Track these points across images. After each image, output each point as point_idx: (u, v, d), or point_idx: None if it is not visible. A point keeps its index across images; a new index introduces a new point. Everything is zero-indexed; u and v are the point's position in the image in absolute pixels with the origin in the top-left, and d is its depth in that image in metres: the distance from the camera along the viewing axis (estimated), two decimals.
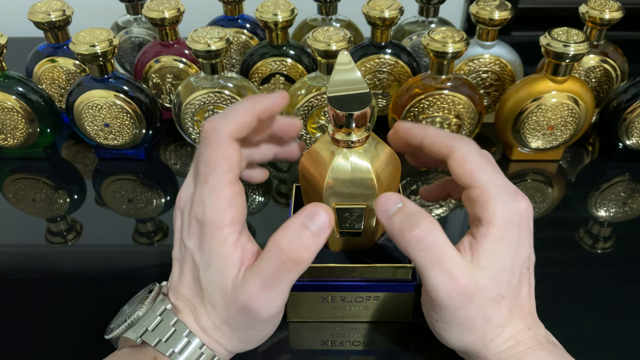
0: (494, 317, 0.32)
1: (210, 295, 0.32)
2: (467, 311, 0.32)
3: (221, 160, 0.32)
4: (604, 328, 0.42)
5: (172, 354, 0.31)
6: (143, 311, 0.32)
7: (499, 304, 0.32)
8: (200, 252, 0.32)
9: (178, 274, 0.34)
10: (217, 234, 0.31)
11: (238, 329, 0.33)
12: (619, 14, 0.56)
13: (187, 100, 0.54)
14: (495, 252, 0.32)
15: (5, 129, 0.56)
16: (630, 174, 0.58)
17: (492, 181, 0.33)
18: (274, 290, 0.31)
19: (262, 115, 0.34)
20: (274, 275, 0.30)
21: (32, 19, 0.57)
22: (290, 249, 0.30)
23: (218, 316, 0.32)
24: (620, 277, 0.47)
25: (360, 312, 0.41)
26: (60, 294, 0.45)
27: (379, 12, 0.56)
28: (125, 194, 0.56)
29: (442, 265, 0.31)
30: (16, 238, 0.52)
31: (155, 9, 0.57)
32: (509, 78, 0.60)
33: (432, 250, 0.31)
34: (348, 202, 0.36)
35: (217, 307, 0.32)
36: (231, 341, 0.33)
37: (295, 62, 0.59)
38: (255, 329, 0.33)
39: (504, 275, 0.32)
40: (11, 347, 0.41)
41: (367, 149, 0.34)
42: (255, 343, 0.34)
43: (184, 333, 0.32)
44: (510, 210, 0.32)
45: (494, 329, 0.33)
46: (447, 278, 0.31)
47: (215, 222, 0.31)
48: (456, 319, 0.32)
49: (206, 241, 0.31)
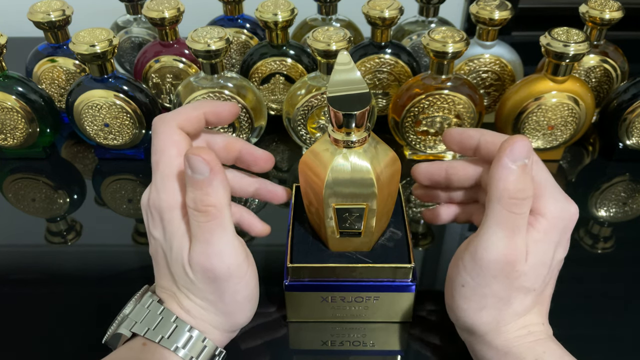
0: (517, 304, 0.33)
1: (179, 278, 0.34)
2: (498, 285, 0.32)
3: (169, 145, 0.34)
4: (604, 328, 0.42)
5: (162, 339, 0.32)
6: (130, 308, 0.34)
7: (527, 294, 0.33)
8: (164, 237, 0.34)
9: (156, 267, 0.36)
10: (174, 215, 0.33)
11: (215, 300, 0.33)
12: (619, 14, 0.56)
13: (187, 100, 0.54)
14: (540, 242, 0.32)
15: (5, 129, 0.56)
16: (630, 174, 0.58)
17: (548, 178, 0.33)
18: (210, 243, 0.32)
19: (208, 115, 0.36)
20: (200, 231, 0.32)
21: (32, 18, 0.57)
22: (194, 208, 0.32)
23: (194, 294, 0.34)
24: (620, 277, 0.47)
25: (360, 312, 0.41)
26: (60, 294, 0.45)
27: (379, 12, 0.56)
28: (125, 194, 0.56)
29: (513, 230, 0.31)
30: (16, 238, 0.52)
31: (155, 9, 0.57)
32: (509, 78, 0.60)
33: (519, 216, 0.31)
34: (348, 202, 0.36)
35: (189, 287, 0.33)
36: (216, 317, 0.34)
37: (295, 62, 0.59)
38: (228, 292, 0.33)
39: (541, 269, 0.33)
40: (11, 347, 0.41)
41: (367, 149, 0.34)
42: (239, 314, 0.35)
43: (171, 319, 0.33)
44: (562, 209, 0.33)
45: (511, 316, 0.33)
46: (506, 242, 0.31)
47: (170, 204, 0.33)
48: (484, 288, 0.32)
49: (167, 225, 0.33)
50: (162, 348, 0.33)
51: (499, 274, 0.32)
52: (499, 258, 0.31)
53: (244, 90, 0.54)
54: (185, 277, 0.33)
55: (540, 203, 0.32)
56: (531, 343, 0.33)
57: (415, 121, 0.55)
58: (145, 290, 0.36)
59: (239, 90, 0.54)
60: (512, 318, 0.33)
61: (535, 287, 0.33)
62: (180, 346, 0.33)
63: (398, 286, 0.39)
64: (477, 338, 0.35)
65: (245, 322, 0.36)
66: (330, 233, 0.37)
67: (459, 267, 0.34)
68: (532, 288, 0.33)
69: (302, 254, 0.39)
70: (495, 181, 0.31)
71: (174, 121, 0.35)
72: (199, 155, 0.31)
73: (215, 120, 0.37)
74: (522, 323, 0.34)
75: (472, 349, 0.36)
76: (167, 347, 0.32)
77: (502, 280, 0.32)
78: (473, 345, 0.35)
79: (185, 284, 0.34)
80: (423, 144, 0.57)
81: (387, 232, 0.40)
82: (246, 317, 0.36)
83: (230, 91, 0.53)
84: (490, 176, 0.32)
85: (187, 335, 0.33)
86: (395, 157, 0.37)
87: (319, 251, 0.39)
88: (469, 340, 0.36)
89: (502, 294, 0.32)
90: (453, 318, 0.36)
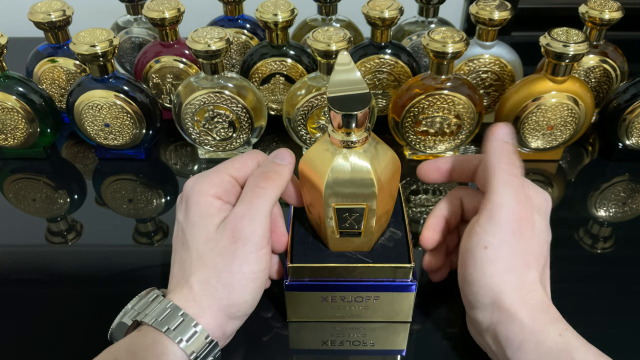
0: (534, 267, 0.35)
1: (195, 249, 0.35)
2: (518, 241, 0.34)
3: (238, 160, 0.38)
4: (603, 328, 0.42)
5: (167, 330, 0.33)
6: (134, 302, 0.35)
7: (539, 258, 0.36)
8: (187, 218, 0.36)
9: (173, 256, 0.38)
10: (203, 199, 0.36)
11: (223, 268, 0.34)
12: (618, 14, 0.56)
13: (187, 100, 0.54)
14: (539, 222, 0.36)
15: (6, 129, 0.56)
16: (630, 174, 0.58)
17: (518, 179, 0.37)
18: (254, 207, 0.35)
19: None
20: (252, 194, 0.36)
21: (32, 19, 0.57)
22: (262, 171, 0.37)
23: (204, 264, 0.35)
24: (620, 277, 0.47)
25: (360, 312, 0.41)
26: (60, 294, 0.45)
27: (379, 12, 0.56)
28: (125, 194, 0.56)
29: (518, 190, 0.35)
30: (16, 238, 0.52)
31: (155, 9, 0.57)
32: (508, 78, 0.60)
33: (518, 177, 0.35)
34: (348, 202, 0.36)
35: (203, 255, 0.35)
36: (216, 291, 0.34)
37: (295, 62, 0.59)
38: (239, 258, 0.34)
39: (546, 236, 0.37)
40: (11, 347, 0.41)
41: (367, 149, 0.34)
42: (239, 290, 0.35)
43: (179, 313, 0.34)
44: (543, 195, 0.38)
45: (532, 282, 0.35)
46: (516, 199, 0.35)
47: (202, 189, 0.36)
48: (506, 246, 0.34)
49: (192, 206, 0.36)
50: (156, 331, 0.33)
51: (517, 230, 0.34)
52: (515, 211, 0.34)
53: (244, 91, 0.54)
54: (206, 246, 0.35)
55: (530, 192, 0.37)
56: (552, 319, 0.34)
57: (415, 121, 0.55)
58: (151, 289, 0.37)
59: (239, 91, 0.54)
60: (531, 286, 0.35)
61: (543, 252, 0.36)
62: (171, 328, 0.33)
63: (398, 286, 0.39)
64: (501, 314, 0.34)
65: (242, 304, 0.35)
66: (330, 233, 0.38)
67: (478, 232, 0.35)
68: (541, 254, 0.36)
69: (302, 253, 0.39)
70: (493, 151, 0.36)
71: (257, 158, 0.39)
72: (287, 149, 0.38)
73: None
74: (540, 296, 0.35)
75: (494, 334, 0.35)
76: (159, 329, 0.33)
77: (519, 237, 0.34)
78: (497, 326, 0.34)
79: (199, 254, 0.35)
80: (423, 144, 0.57)
81: (387, 232, 0.40)
82: (242, 298, 0.35)
83: (230, 91, 0.53)
84: (488, 150, 0.36)
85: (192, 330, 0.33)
86: (395, 157, 0.37)
87: (319, 251, 0.39)
88: (492, 322, 0.35)
89: (522, 253, 0.35)
90: (477, 294, 0.35)
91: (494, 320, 0.34)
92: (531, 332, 0.33)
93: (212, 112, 0.54)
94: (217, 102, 0.53)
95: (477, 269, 0.35)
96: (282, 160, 0.37)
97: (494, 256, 0.34)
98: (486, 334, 0.36)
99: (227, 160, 0.39)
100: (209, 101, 0.53)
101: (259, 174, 0.37)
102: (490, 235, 0.34)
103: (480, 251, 0.34)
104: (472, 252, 0.35)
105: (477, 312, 0.35)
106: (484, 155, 0.37)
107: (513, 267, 0.34)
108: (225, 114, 0.54)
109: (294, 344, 0.41)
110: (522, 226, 0.34)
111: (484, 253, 0.34)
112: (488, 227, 0.34)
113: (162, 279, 0.45)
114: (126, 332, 0.35)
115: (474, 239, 0.35)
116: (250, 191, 0.36)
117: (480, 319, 0.35)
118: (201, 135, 0.56)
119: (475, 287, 0.35)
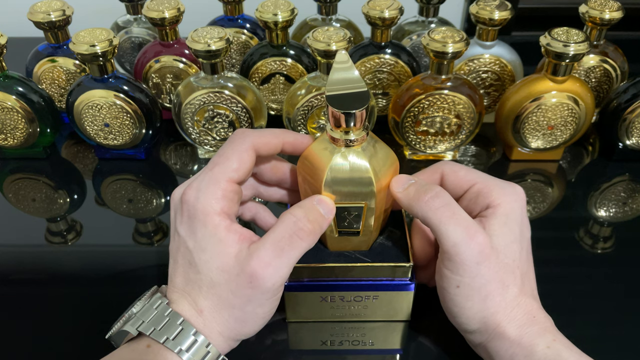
0: (511, 283, 0.34)
1: (208, 276, 0.33)
2: (486, 269, 0.34)
3: (235, 157, 0.35)
4: (603, 328, 0.42)
5: (166, 340, 0.32)
6: (138, 307, 0.34)
7: (514, 271, 0.35)
8: (193, 238, 0.34)
9: (173, 265, 0.35)
10: (209, 220, 0.33)
11: (236, 306, 0.33)
12: (619, 14, 0.56)
13: (187, 100, 0.54)
14: (505, 224, 0.35)
15: (5, 129, 0.56)
16: (630, 174, 0.58)
17: (482, 175, 0.38)
18: (284, 256, 0.32)
19: (287, 145, 0.38)
20: (288, 241, 0.33)
21: (32, 19, 0.57)
22: (306, 219, 0.33)
23: (216, 294, 0.33)
24: (620, 277, 0.46)
25: (359, 311, 0.41)
26: (60, 294, 0.45)
27: (379, 12, 0.56)
28: (125, 194, 0.56)
29: (458, 219, 0.34)
30: (16, 238, 0.52)
31: (155, 9, 0.57)
32: (509, 78, 0.60)
33: (448, 207, 0.34)
34: (346, 201, 0.36)
35: (215, 285, 0.33)
36: (227, 320, 0.34)
37: (295, 62, 0.59)
38: (254, 302, 0.33)
39: (514, 246, 0.35)
40: (11, 347, 0.41)
41: (366, 147, 0.34)
42: (250, 325, 0.35)
43: (178, 321, 0.33)
44: (512, 192, 0.36)
45: (513, 298, 0.34)
46: (464, 231, 0.33)
47: (206, 208, 0.33)
48: (477, 279, 0.34)
49: (198, 227, 0.33)
50: (166, 350, 0.32)
51: (480, 259, 0.33)
52: (470, 245, 0.33)
53: (244, 90, 0.54)
54: (220, 277, 0.33)
55: (492, 196, 0.36)
56: (540, 330, 0.34)
57: (415, 121, 0.55)
58: (154, 291, 0.35)
59: (239, 90, 0.54)
60: (514, 301, 0.35)
61: (517, 264, 0.35)
62: (184, 349, 0.32)
63: (397, 285, 0.39)
64: (490, 334, 0.35)
65: (250, 334, 0.35)
66: (329, 232, 0.38)
67: (446, 274, 0.35)
68: (515, 265, 0.35)
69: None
70: (409, 203, 0.35)
71: (252, 140, 0.36)
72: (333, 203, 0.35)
73: (291, 150, 0.38)
74: (525, 308, 0.34)
75: (486, 350, 0.36)
76: (171, 349, 0.32)
77: (486, 264, 0.34)
78: (487, 344, 0.35)
79: (213, 283, 0.33)
80: (423, 144, 0.57)
81: (386, 231, 0.40)
82: (253, 330, 0.35)
83: (230, 91, 0.53)
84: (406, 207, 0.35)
85: (192, 339, 0.33)
86: (393, 156, 0.37)
87: (318, 251, 0.39)
88: (483, 341, 0.36)
89: (495, 277, 0.34)
90: (463, 324, 0.36)
91: (484, 340, 0.36)
92: (519, 347, 0.34)
93: (212, 112, 0.54)
94: (217, 102, 0.53)
95: (456, 305, 0.35)
96: (325, 212, 0.34)
97: (468, 292, 0.34)
98: (478, 349, 0.37)
99: (218, 156, 0.35)
100: (209, 101, 0.53)
101: (303, 219, 0.33)
102: (458, 275, 0.34)
103: (454, 290, 0.35)
104: (447, 291, 0.35)
105: (467, 335, 0.37)
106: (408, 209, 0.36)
107: (490, 293, 0.34)
108: (225, 114, 0.54)
109: (293, 344, 0.41)
110: (484, 253, 0.34)
111: (458, 291, 0.35)
112: (452, 267, 0.34)
113: (162, 279, 0.45)
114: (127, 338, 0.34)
115: (445, 281, 0.35)
116: (287, 237, 0.33)
117: (470, 339, 0.37)
118: (201, 135, 0.56)
119: (459, 319, 0.36)
